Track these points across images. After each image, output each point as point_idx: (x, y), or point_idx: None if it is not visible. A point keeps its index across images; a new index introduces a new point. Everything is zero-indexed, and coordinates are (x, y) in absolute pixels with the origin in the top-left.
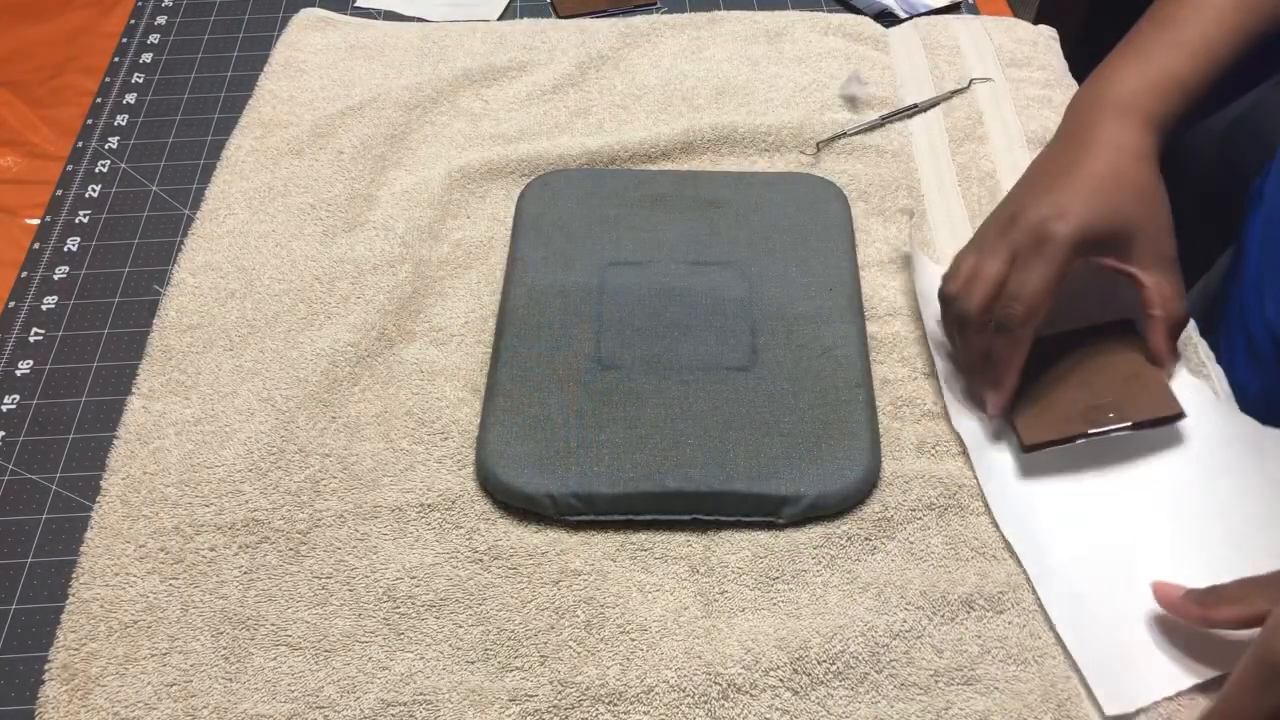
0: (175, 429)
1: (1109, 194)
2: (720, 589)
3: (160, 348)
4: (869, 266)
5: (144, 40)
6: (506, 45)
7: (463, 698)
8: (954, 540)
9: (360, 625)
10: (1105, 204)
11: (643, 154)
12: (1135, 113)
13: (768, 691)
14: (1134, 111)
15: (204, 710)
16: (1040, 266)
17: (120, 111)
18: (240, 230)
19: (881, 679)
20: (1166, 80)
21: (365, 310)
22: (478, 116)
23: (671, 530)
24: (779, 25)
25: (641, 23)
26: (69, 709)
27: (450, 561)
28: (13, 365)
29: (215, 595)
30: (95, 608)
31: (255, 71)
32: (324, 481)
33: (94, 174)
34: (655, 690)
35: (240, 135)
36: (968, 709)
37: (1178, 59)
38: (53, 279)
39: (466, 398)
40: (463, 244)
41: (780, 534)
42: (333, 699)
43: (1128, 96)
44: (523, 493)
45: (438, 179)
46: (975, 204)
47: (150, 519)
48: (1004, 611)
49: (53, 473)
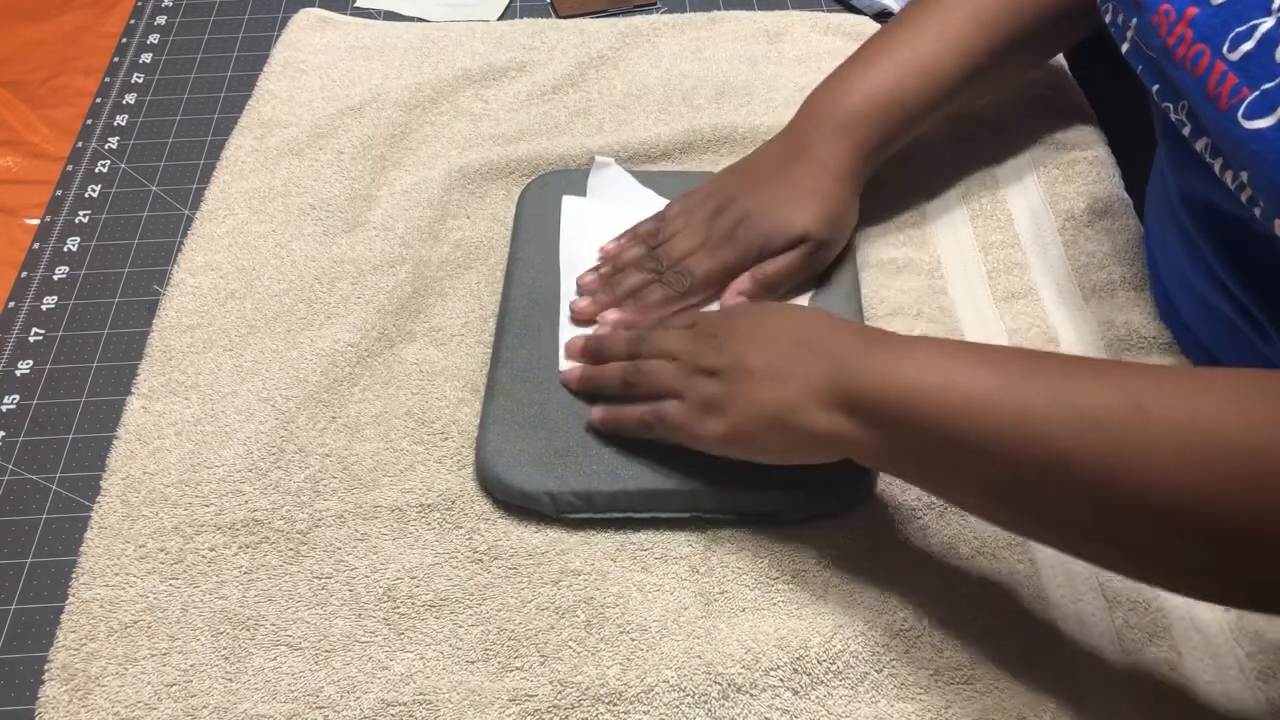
0: (175, 429)
1: (805, 208)
2: (720, 589)
3: (160, 348)
4: (869, 267)
5: (144, 40)
6: (506, 45)
7: (463, 698)
8: (954, 540)
9: (360, 625)
10: (799, 218)
11: (643, 154)
12: (852, 135)
13: (768, 691)
14: (852, 133)
15: (204, 710)
16: (725, 254)
17: (120, 111)
18: (240, 230)
19: (881, 679)
20: (889, 101)
21: (365, 310)
22: (478, 116)
23: (671, 530)
24: (779, 25)
25: (641, 23)
26: (69, 709)
27: (450, 561)
28: (13, 365)
29: (215, 595)
30: (95, 608)
31: (255, 71)
32: (324, 481)
33: (94, 174)
34: (655, 690)
35: (240, 135)
36: (968, 709)
37: (907, 79)
38: (53, 279)
39: (466, 398)
40: (463, 244)
41: (780, 533)
42: (333, 699)
43: (848, 117)
44: (521, 491)
45: (438, 179)
46: (976, 203)
47: (150, 519)
48: (1004, 610)
49: (53, 473)
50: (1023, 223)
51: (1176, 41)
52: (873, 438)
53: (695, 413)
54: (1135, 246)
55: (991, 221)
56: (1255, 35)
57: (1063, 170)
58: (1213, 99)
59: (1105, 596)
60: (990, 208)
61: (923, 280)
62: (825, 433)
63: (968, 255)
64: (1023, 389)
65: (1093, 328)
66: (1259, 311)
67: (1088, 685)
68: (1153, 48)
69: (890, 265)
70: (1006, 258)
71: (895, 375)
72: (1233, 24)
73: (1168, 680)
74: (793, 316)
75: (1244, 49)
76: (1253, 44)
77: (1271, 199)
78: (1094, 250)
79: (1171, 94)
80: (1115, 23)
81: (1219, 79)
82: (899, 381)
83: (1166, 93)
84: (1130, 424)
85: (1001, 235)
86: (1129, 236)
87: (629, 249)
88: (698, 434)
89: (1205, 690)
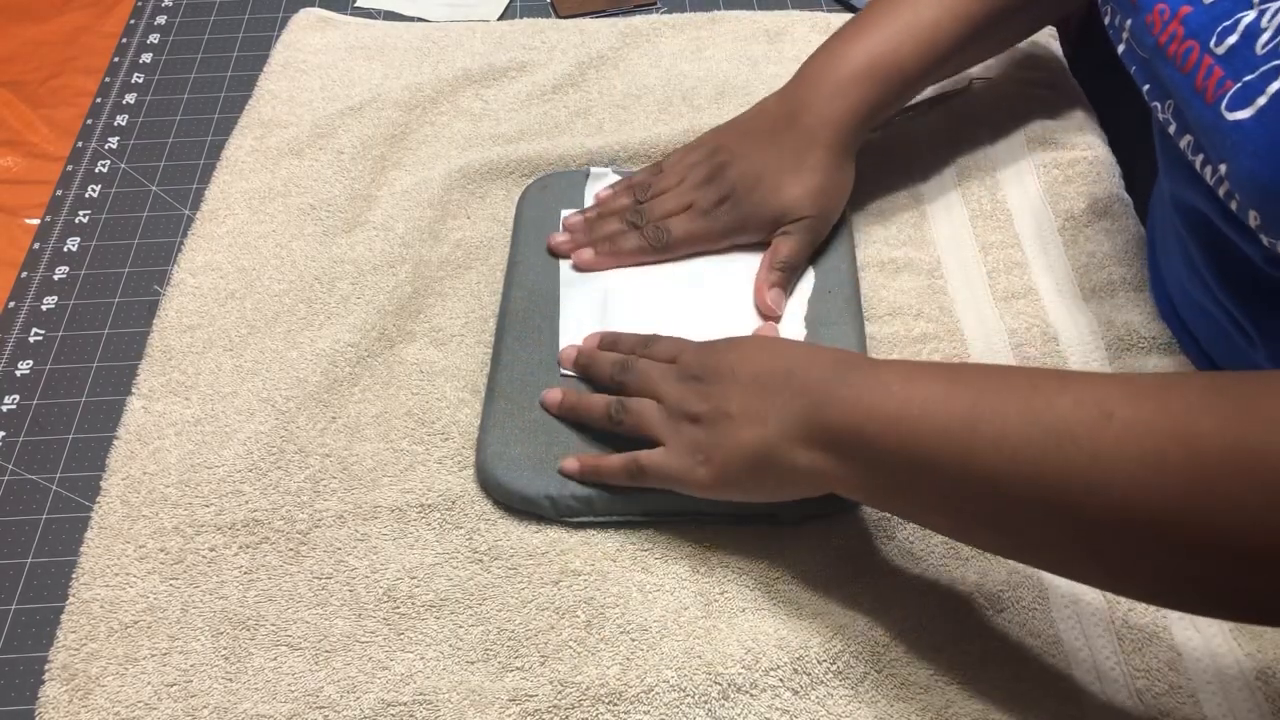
0: (175, 429)
1: (791, 187)
2: (720, 589)
3: (160, 348)
4: (869, 267)
5: (144, 40)
6: (506, 45)
7: (463, 698)
8: (954, 541)
9: (360, 625)
10: (784, 198)
11: (643, 154)
12: (846, 98)
13: (768, 691)
14: (847, 96)
15: (204, 710)
16: (706, 222)
17: (120, 111)
18: (240, 230)
19: (882, 679)
20: (886, 64)
21: (365, 310)
22: (478, 116)
23: (671, 530)
24: (779, 25)
25: (641, 23)
26: (69, 709)
27: (450, 562)
28: (13, 365)
29: (215, 595)
30: (95, 608)
31: (255, 71)
32: (324, 482)
33: (94, 174)
34: (655, 690)
35: (240, 135)
36: (968, 709)
37: (904, 43)
38: (53, 279)
39: (466, 398)
40: (463, 244)
41: (780, 533)
42: (333, 699)
43: (847, 78)
44: (522, 495)
45: (438, 179)
46: (976, 203)
47: (150, 519)
48: (1004, 610)
49: (53, 473)
50: (1023, 223)
51: (1169, 39)
52: (852, 470)
53: (681, 461)
54: (1135, 246)
55: (991, 221)
56: (1239, 28)
57: (1063, 170)
58: (1200, 93)
59: (1106, 598)
60: (990, 208)
61: (923, 280)
62: (806, 470)
63: (968, 255)
64: (996, 406)
65: (1093, 328)
66: (1243, 319)
67: (1087, 685)
68: (1145, 47)
69: (890, 265)
70: (1006, 258)
71: (867, 407)
72: (1221, 19)
73: (1166, 678)
74: (772, 354)
75: (1229, 42)
76: (1236, 37)
77: (1247, 190)
78: (1094, 250)
79: (1160, 93)
80: (1113, 24)
81: (1206, 73)
82: (871, 412)
83: (1155, 92)
84: (1101, 433)
85: (1001, 235)
86: (1129, 236)
87: (618, 198)
88: (685, 482)
89: (1204, 689)
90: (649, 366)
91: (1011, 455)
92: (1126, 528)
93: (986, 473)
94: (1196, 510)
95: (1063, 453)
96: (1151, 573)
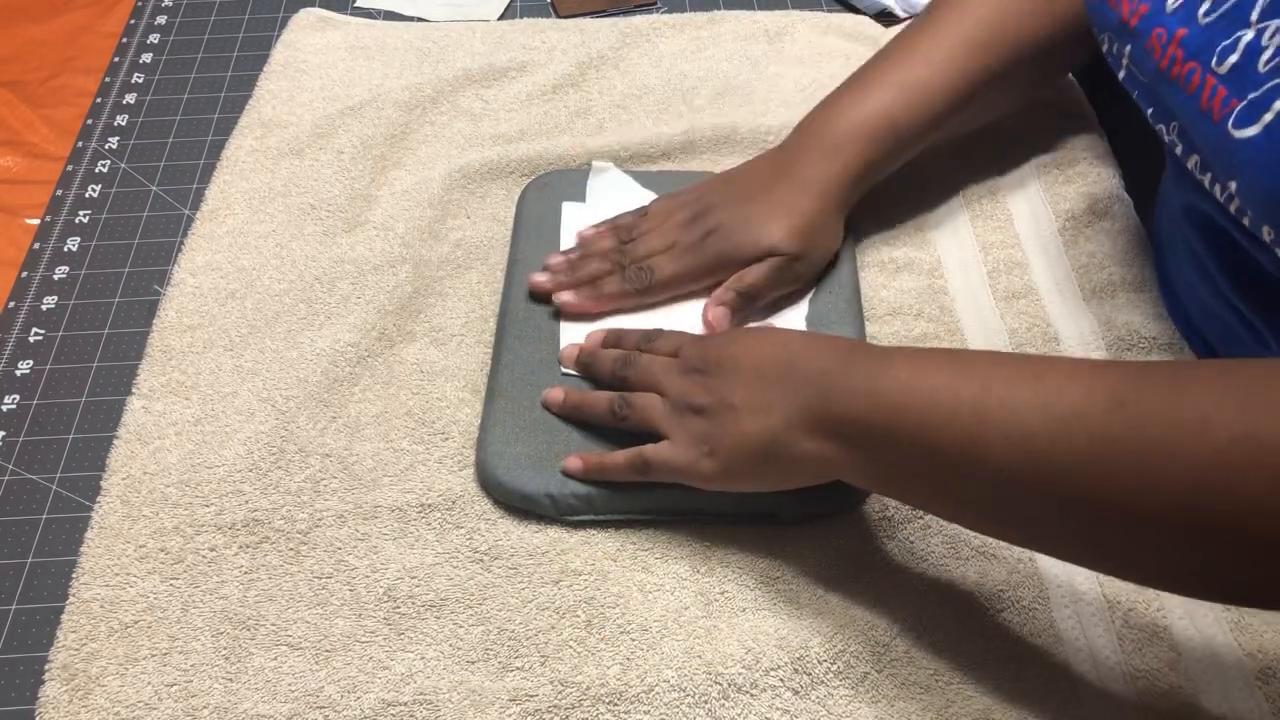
0: (175, 429)
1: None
2: (720, 589)
3: (160, 348)
4: (869, 267)
5: (144, 40)
6: (506, 45)
7: (463, 698)
8: (954, 540)
9: (360, 625)
10: (768, 233)
11: (643, 154)
12: (840, 157)
13: (768, 691)
14: (840, 155)
15: (204, 710)
16: (689, 261)
17: (120, 111)
18: (240, 230)
19: (882, 678)
20: (880, 121)
21: (365, 310)
22: (478, 116)
23: (671, 530)
24: (779, 25)
25: (641, 23)
26: (69, 709)
27: (450, 561)
28: (13, 365)
29: (215, 595)
30: (95, 608)
31: (255, 71)
32: (324, 481)
33: (94, 174)
34: (656, 690)
35: (240, 135)
36: (968, 708)
37: (896, 101)
38: (53, 279)
39: (467, 398)
40: (463, 244)
41: (780, 533)
42: (333, 699)
43: (840, 137)
44: (522, 493)
45: (438, 179)
46: (976, 203)
47: (150, 519)
48: (1004, 610)
49: (53, 473)
50: (1023, 223)
51: (1170, 62)
52: (859, 458)
53: (687, 454)
54: (1135, 246)
55: (991, 221)
56: (1239, 47)
57: (1063, 170)
58: (1206, 113)
59: (1106, 597)
60: (990, 208)
61: (923, 280)
62: (813, 458)
63: (968, 255)
64: (1005, 394)
65: (1093, 328)
66: (1258, 323)
67: (1087, 684)
68: (1147, 72)
69: (890, 265)
70: (1007, 257)
71: (874, 394)
72: (1219, 39)
73: (1166, 678)
74: (773, 345)
75: (1230, 61)
76: (1238, 55)
77: (1259, 206)
78: (1094, 250)
79: (1164, 115)
80: (1111, 52)
81: (1210, 93)
82: (878, 400)
83: (1159, 115)
84: (1112, 420)
85: (1001, 235)
86: (1129, 237)
87: (602, 238)
88: (691, 474)
89: (1204, 689)
90: (651, 361)
91: (1021, 442)
92: (1134, 515)
93: (995, 460)
94: (1205, 499)
95: (1072, 440)
96: (1157, 559)
